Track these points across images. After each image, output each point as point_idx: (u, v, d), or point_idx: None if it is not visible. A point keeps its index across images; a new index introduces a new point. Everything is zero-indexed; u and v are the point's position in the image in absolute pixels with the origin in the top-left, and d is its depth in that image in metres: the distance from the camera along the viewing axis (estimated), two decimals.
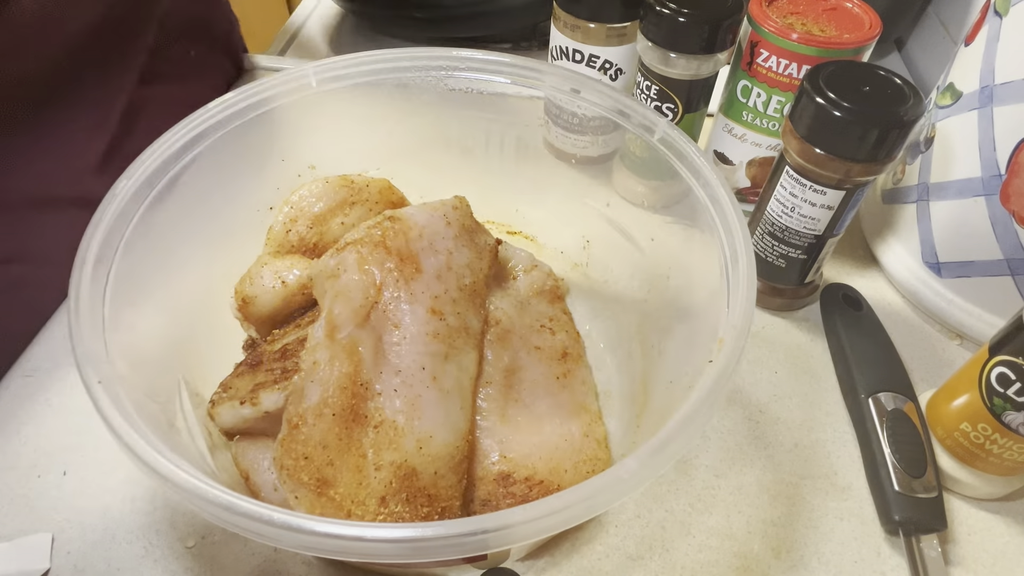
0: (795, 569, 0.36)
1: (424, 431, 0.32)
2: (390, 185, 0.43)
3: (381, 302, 0.34)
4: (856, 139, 0.37)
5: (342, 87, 0.40)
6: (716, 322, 0.30)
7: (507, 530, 0.23)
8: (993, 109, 0.40)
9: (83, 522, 0.37)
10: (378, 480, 0.31)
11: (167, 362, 0.34)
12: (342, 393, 0.32)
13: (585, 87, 0.39)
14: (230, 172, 0.38)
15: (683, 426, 0.26)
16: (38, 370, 0.43)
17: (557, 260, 0.47)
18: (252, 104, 0.37)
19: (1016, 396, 0.34)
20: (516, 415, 0.37)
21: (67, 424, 0.40)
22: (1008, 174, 0.40)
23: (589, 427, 0.38)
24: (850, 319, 0.45)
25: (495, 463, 0.35)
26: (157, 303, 0.34)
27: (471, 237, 0.39)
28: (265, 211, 0.42)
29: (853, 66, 0.39)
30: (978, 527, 0.38)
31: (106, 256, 0.30)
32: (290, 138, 0.41)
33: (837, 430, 0.42)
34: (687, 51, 0.43)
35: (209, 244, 0.39)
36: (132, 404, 0.26)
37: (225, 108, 0.36)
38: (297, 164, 0.43)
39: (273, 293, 0.38)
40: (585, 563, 0.36)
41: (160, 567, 0.35)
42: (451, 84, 0.41)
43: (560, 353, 0.41)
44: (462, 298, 0.37)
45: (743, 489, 0.39)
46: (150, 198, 0.33)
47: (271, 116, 0.38)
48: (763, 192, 0.44)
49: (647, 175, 0.44)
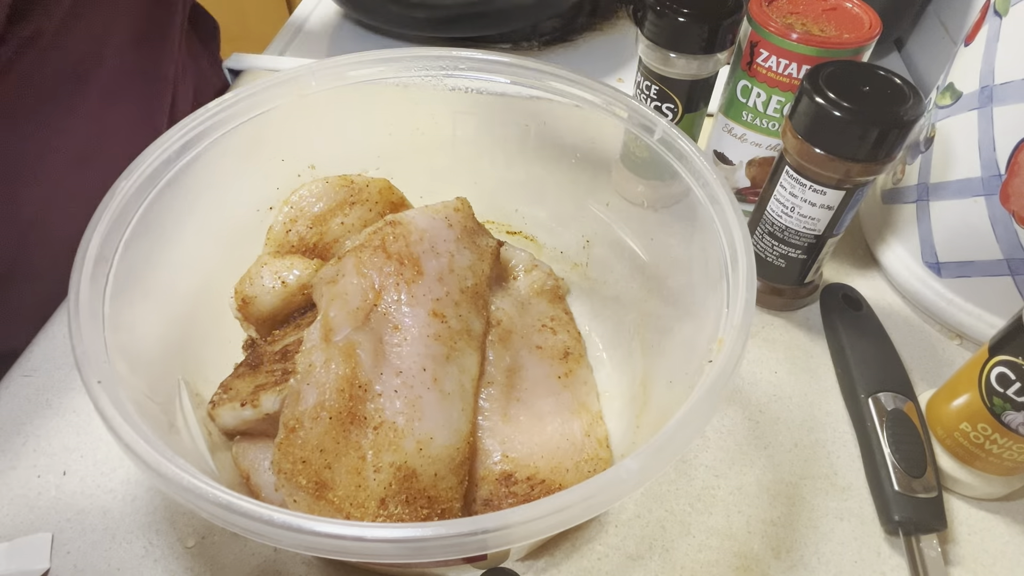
0: (795, 569, 0.36)
1: (424, 432, 0.32)
2: (390, 185, 0.43)
3: (381, 304, 0.35)
4: (856, 139, 0.37)
5: (342, 87, 0.40)
6: (716, 322, 0.30)
7: (507, 530, 0.23)
8: (993, 109, 0.40)
9: (83, 522, 0.37)
10: (377, 482, 0.31)
11: (167, 362, 0.34)
12: (339, 396, 0.32)
13: (585, 88, 0.39)
14: (230, 172, 0.38)
15: (683, 426, 0.26)
16: (38, 370, 0.43)
17: (557, 260, 0.47)
18: (252, 104, 0.37)
19: (1016, 396, 0.34)
20: (518, 415, 0.37)
21: (67, 424, 0.40)
22: (1008, 174, 0.40)
23: (590, 427, 0.38)
24: (850, 319, 0.45)
25: (497, 463, 0.35)
26: (157, 303, 0.34)
27: (473, 239, 0.39)
28: (265, 211, 0.42)
29: (853, 66, 0.39)
30: (978, 527, 0.38)
31: (106, 256, 0.30)
32: (290, 138, 0.41)
33: (837, 430, 0.42)
34: (687, 51, 0.43)
35: (209, 244, 0.39)
36: (132, 404, 0.26)
37: (225, 108, 0.36)
38: (297, 164, 0.43)
39: (273, 293, 0.38)
40: (585, 563, 0.36)
41: (160, 567, 0.35)
42: (451, 84, 0.41)
43: (562, 353, 0.41)
44: (464, 300, 0.37)
45: (743, 489, 0.39)
46: (150, 198, 0.33)
47: (271, 116, 0.38)
48: (763, 192, 0.44)
49: (647, 175, 0.44)
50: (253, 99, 0.37)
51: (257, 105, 0.37)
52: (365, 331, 0.34)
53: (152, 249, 0.33)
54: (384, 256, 0.36)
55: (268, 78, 0.38)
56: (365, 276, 0.35)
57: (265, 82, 0.38)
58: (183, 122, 0.35)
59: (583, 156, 0.44)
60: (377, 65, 0.40)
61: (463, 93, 0.41)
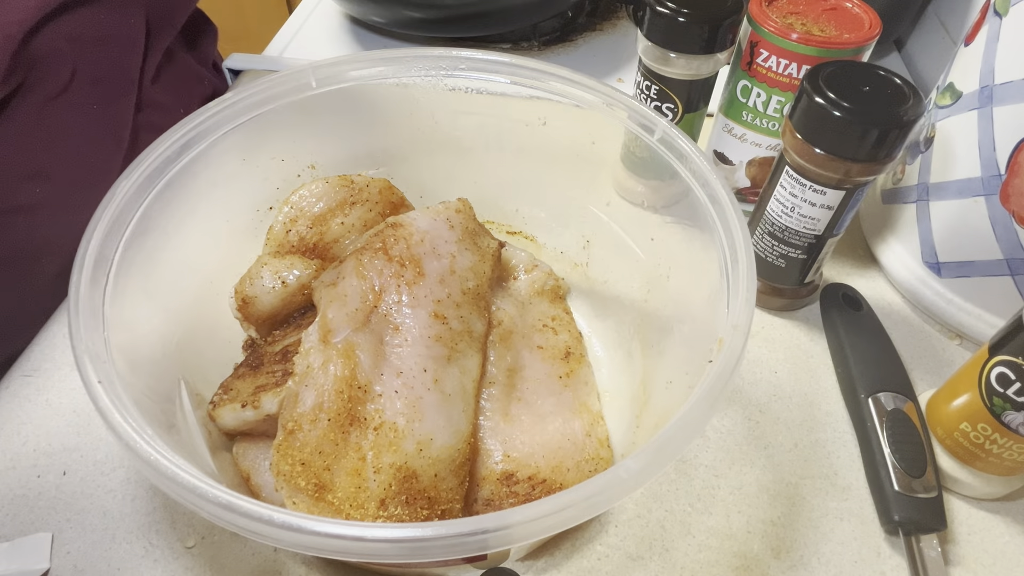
0: (795, 569, 0.36)
1: (425, 433, 0.32)
2: (390, 185, 0.43)
3: (382, 306, 0.35)
4: (856, 139, 0.37)
5: (342, 87, 0.40)
6: (716, 322, 0.30)
7: (507, 530, 0.23)
8: (993, 109, 0.40)
9: (83, 522, 0.37)
10: (377, 483, 0.31)
11: (167, 362, 0.34)
12: (337, 397, 0.32)
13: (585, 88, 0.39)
14: (230, 172, 0.38)
15: (683, 426, 0.26)
16: (38, 370, 0.43)
17: (557, 260, 0.47)
18: (252, 104, 0.37)
19: (1016, 396, 0.34)
20: (519, 414, 0.37)
21: (67, 424, 0.40)
22: (1008, 174, 0.40)
23: (592, 427, 0.38)
24: (850, 319, 0.45)
25: (498, 462, 0.35)
26: (157, 303, 0.34)
27: (474, 240, 0.40)
28: (265, 211, 0.42)
29: (853, 66, 0.39)
30: (978, 527, 0.38)
31: (106, 256, 0.30)
32: (290, 138, 0.41)
33: (837, 430, 0.42)
34: (687, 51, 0.43)
35: (209, 244, 0.39)
36: (132, 404, 0.26)
37: (225, 108, 0.36)
38: (297, 164, 0.43)
39: (273, 293, 0.38)
40: (585, 563, 0.36)
41: (160, 567, 0.35)
42: (451, 84, 0.41)
43: (563, 353, 0.41)
44: (465, 301, 0.37)
45: (743, 489, 0.39)
46: (150, 198, 0.33)
47: (271, 116, 0.38)
48: (763, 192, 0.44)
49: (647, 175, 0.44)
50: (253, 99, 0.37)
51: (257, 105, 0.37)
52: (365, 332, 0.34)
53: (152, 249, 0.33)
54: (385, 258, 0.36)
55: (268, 78, 0.38)
56: (365, 278, 0.35)
57: (265, 82, 0.38)
58: (183, 122, 0.35)
59: (583, 156, 0.44)
60: (377, 65, 0.40)
61: (463, 93, 0.41)
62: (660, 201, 0.40)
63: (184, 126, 0.35)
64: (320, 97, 0.39)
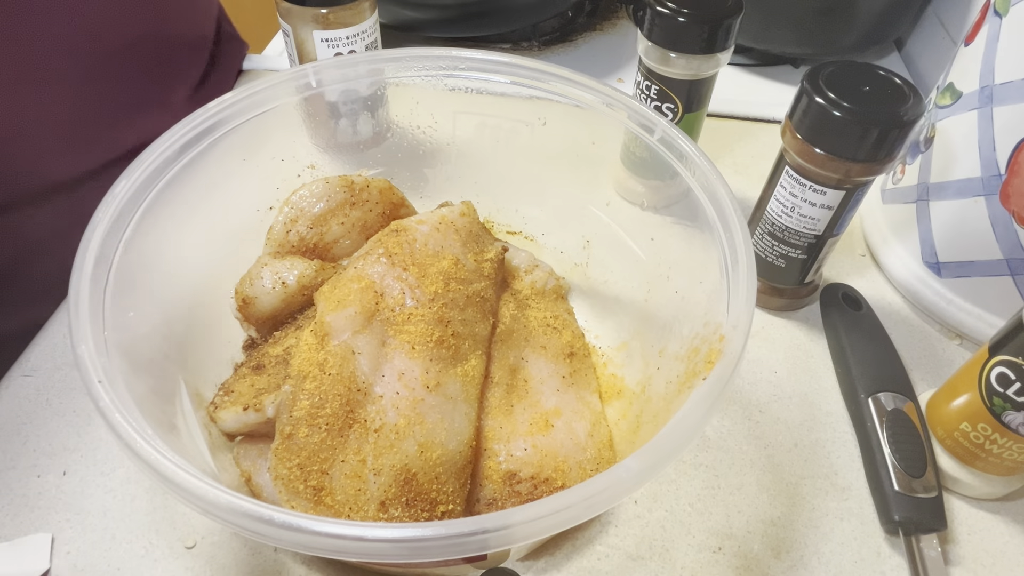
0: (795, 569, 0.36)
1: (426, 435, 0.32)
2: (390, 185, 0.43)
3: (383, 309, 0.35)
4: (856, 139, 0.37)
5: (342, 87, 0.40)
6: (716, 322, 0.30)
7: (507, 530, 0.23)
8: (993, 109, 0.40)
9: (83, 522, 0.37)
10: (377, 485, 0.31)
11: (167, 362, 0.34)
12: (335, 400, 0.32)
13: (585, 88, 0.39)
14: (230, 172, 0.38)
15: (683, 426, 0.26)
16: (38, 370, 0.43)
17: (557, 260, 0.47)
18: (252, 104, 0.37)
19: (1016, 396, 0.34)
20: (522, 414, 0.37)
21: (67, 424, 0.40)
22: (1008, 174, 0.40)
23: (594, 426, 0.38)
24: (850, 319, 0.45)
25: (502, 462, 0.35)
26: (157, 303, 0.34)
27: (478, 243, 0.39)
28: (265, 211, 0.42)
29: (853, 66, 0.39)
30: (978, 527, 0.38)
31: (106, 256, 0.30)
32: (290, 138, 0.41)
33: (837, 430, 0.42)
34: (687, 51, 0.43)
35: (209, 244, 0.39)
36: (132, 404, 0.26)
37: (225, 108, 0.36)
38: (297, 164, 0.43)
39: (273, 294, 0.38)
40: (585, 563, 0.36)
41: (160, 567, 0.35)
42: (451, 84, 0.41)
43: (567, 352, 0.41)
44: (469, 304, 0.37)
45: (743, 489, 0.39)
46: (150, 198, 0.33)
47: (271, 116, 0.38)
48: (763, 192, 0.44)
49: (647, 175, 0.44)
50: (253, 99, 0.37)
51: (257, 105, 0.37)
52: (365, 335, 0.34)
53: (152, 249, 0.33)
54: (387, 262, 0.36)
55: (268, 78, 0.38)
56: (365, 281, 0.35)
57: (265, 82, 0.38)
58: (183, 122, 0.35)
59: (583, 156, 0.44)
60: (377, 65, 0.40)
61: (463, 93, 0.41)
62: (660, 201, 0.40)
63: (184, 126, 0.35)
64: (320, 97, 0.39)
